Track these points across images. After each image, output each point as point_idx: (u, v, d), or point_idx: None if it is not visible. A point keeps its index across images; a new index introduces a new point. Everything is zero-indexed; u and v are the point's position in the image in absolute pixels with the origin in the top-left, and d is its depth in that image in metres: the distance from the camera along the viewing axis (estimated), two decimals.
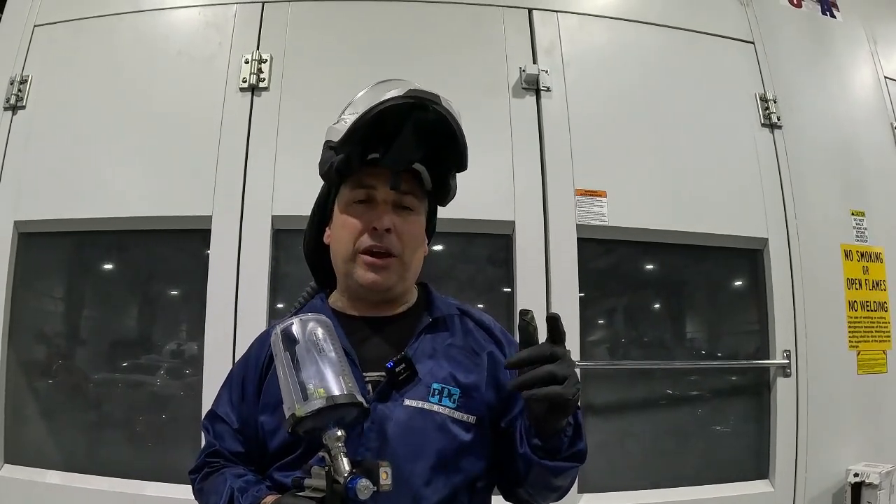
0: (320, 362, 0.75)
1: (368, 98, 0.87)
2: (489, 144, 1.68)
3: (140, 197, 1.67)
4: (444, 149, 0.87)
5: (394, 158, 0.85)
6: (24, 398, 1.70)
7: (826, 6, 2.16)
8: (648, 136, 1.82)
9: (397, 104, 0.82)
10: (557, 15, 1.86)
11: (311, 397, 0.72)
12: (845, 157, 1.98)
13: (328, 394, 0.72)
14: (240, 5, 1.81)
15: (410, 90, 0.83)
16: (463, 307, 0.97)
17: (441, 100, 0.84)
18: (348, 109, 0.89)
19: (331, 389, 0.72)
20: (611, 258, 1.83)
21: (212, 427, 0.92)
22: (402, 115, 0.83)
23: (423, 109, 0.83)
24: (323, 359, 0.75)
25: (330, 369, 0.74)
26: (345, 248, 0.89)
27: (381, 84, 0.89)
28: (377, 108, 0.82)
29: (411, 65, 1.75)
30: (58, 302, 1.81)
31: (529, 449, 0.79)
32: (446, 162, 0.90)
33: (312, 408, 0.71)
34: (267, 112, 1.71)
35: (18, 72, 1.80)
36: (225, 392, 0.95)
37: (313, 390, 0.73)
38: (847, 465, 1.73)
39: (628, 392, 1.78)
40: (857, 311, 1.87)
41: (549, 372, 0.71)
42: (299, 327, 0.79)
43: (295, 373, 0.75)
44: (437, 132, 0.85)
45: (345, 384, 0.73)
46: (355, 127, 0.84)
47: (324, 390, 0.72)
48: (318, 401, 0.71)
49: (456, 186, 0.95)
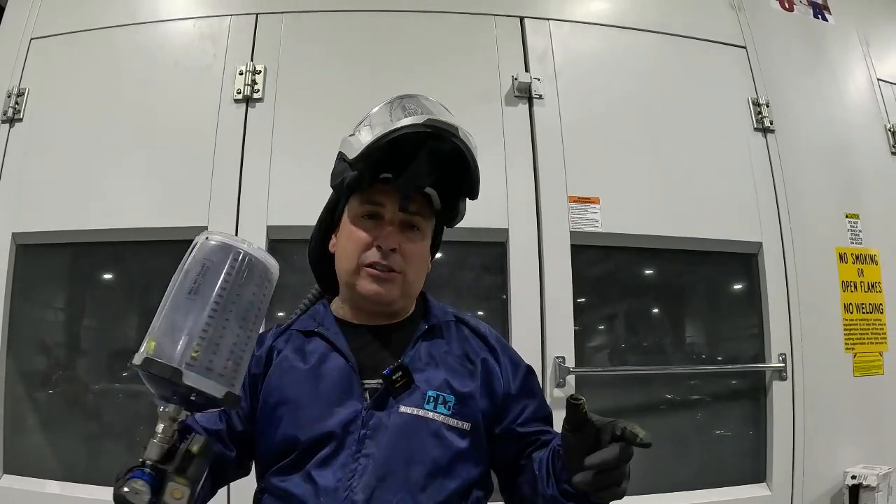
0: (181, 300, 0.58)
1: (385, 116, 0.88)
2: (482, 152, 1.66)
3: (136, 208, 1.68)
4: (456, 176, 0.89)
5: (406, 182, 0.86)
6: (24, 408, 1.70)
7: (818, 9, 2.17)
8: (641, 142, 1.83)
9: (414, 132, 0.83)
10: (549, 23, 1.87)
11: (143, 344, 0.58)
12: (839, 159, 1.98)
13: (149, 353, 0.57)
14: (234, 17, 1.83)
15: (429, 120, 0.83)
16: (459, 315, 0.99)
17: (459, 131, 0.85)
18: (364, 123, 0.90)
19: (160, 343, 0.57)
20: (605, 264, 1.84)
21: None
22: (419, 142, 0.84)
23: (438, 139, 0.84)
24: (191, 298, 0.58)
25: (186, 316, 0.57)
26: (350, 260, 0.90)
27: (398, 102, 0.90)
28: (393, 135, 0.83)
29: (405, 74, 1.77)
30: (56, 312, 1.82)
31: (558, 492, 0.79)
32: (457, 188, 0.91)
33: (137, 359, 0.58)
34: (261, 123, 1.72)
35: (15, 84, 1.81)
36: None
37: (149, 333, 0.58)
38: (844, 467, 1.73)
39: (624, 397, 1.79)
40: (852, 314, 1.87)
41: (622, 475, 0.71)
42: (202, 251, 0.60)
43: (165, 300, 0.59)
44: (451, 161, 0.86)
45: (184, 347, 0.56)
46: (371, 150, 0.85)
47: (153, 341, 0.57)
48: (140, 353, 0.58)
49: (464, 210, 0.96)
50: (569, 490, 0.77)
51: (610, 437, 0.69)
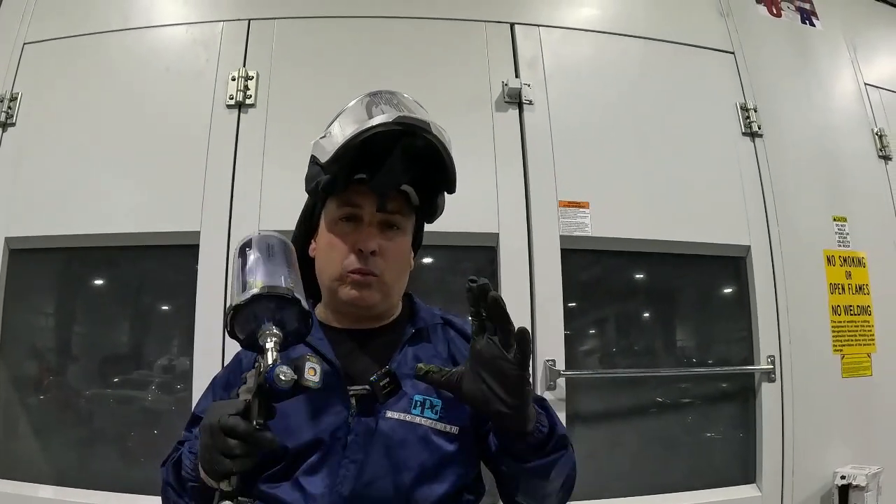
0: (267, 263, 0.76)
1: (357, 114, 0.87)
2: (473, 158, 1.71)
3: (129, 213, 1.68)
4: (432, 172, 0.88)
5: (381, 182, 0.85)
6: (16, 413, 1.70)
7: (805, 15, 2.19)
8: (630, 146, 1.84)
9: (386, 130, 0.82)
10: (539, 29, 1.89)
11: (249, 288, 0.73)
12: (826, 163, 2.00)
13: (265, 284, 0.73)
14: (226, 23, 1.83)
15: (400, 116, 0.82)
16: (446, 317, 0.99)
17: (431, 126, 0.84)
18: (335, 123, 0.89)
19: (271, 282, 0.73)
20: (595, 268, 1.85)
21: (190, 427, 0.93)
22: (391, 140, 0.83)
23: (412, 136, 0.83)
24: (272, 261, 0.77)
25: (276, 269, 0.76)
26: (331, 267, 0.90)
27: (371, 97, 0.89)
28: (365, 135, 0.82)
29: (395, 80, 1.72)
30: (48, 317, 1.82)
31: (511, 457, 0.80)
32: (435, 184, 0.91)
33: (247, 296, 0.72)
34: (253, 129, 1.73)
35: (8, 89, 1.81)
36: (208, 395, 0.96)
37: (252, 283, 0.74)
38: (834, 467, 1.75)
39: (614, 400, 1.80)
40: (840, 316, 1.89)
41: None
42: (257, 239, 0.81)
43: (241, 272, 0.76)
44: (426, 157, 0.86)
45: (287, 282, 0.74)
46: (343, 151, 0.84)
47: (262, 282, 0.73)
48: (254, 290, 0.72)
49: (443, 204, 0.96)
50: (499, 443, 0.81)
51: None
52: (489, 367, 0.74)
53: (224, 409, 0.69)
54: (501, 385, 0.74)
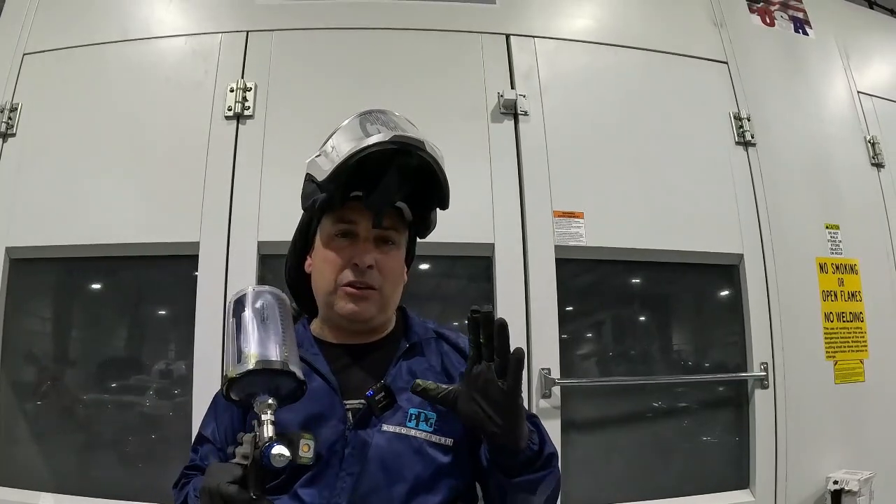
0: (261, 330, 0.77)
1: (351, 133, 0.88)
2: (468, 168, 1.72)
3: (128, 223, 1.69)
4: (426, 188, 0.90)
5: (377, 199, 0.87)
6: (16, 420, 1.72)
7: (798, 24, 2.21)
8: (625, 157, 1.86)
9: (382, 149, 0.84)
10: (534, 40, 1.90)
11: (245, 360, 0.74)
12: (819, 171, 2.02)
13: (261, 358, 0.74)
14: (225, 34, 1.85)
15: (395, 136, 0.84)
16: (439, 330, 1.00)
17: (426, 145, 0.85)
18: (330, 142, 0.91)
19: (265, 355, 0.74)
20: (590, 276, 1.86)
21: (199, 448, 0.95)
22: (387, 158, 0.85)
23: (407, 154, 0.85)
24: (265, 328, 0.77)
25: (269, 338, 0.76)
26: (326, 282, 0.92)
27: (365, 117, 0.91)
28: (360, 154, 0.83)
29: (392, 91, 1.79)
30: (48, 326, 1.83)
31: (502, 472, 0.82)
32: (428, 200, 0.93)
33: (243, 369, 0.73)
34: (252, 140, 1.74)
35: (8, 100, 1.82)
36: (211, 413, 0.98)
37: (247, 354, 0.75)
38: (827, 472, 1.77)
39: (609, 407, 1.81)
40: (833, 322, 1.91)
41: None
42: (251, 296, 0.82)
43: (236, 338, 0.77)
44: (421, 175, 0.88)
45: (280, 353, 0.75)
46: (339, 170, 0.85)
47: (257, 354, 0.74)
48: (248, 365, 0.73)
49: (436, 219, 0.98)
50: (510, 463, 0.82)
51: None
52: (483, 393, 0.78)
53: (223, 475, 0.72)
54: (495, 409, 0.77)
